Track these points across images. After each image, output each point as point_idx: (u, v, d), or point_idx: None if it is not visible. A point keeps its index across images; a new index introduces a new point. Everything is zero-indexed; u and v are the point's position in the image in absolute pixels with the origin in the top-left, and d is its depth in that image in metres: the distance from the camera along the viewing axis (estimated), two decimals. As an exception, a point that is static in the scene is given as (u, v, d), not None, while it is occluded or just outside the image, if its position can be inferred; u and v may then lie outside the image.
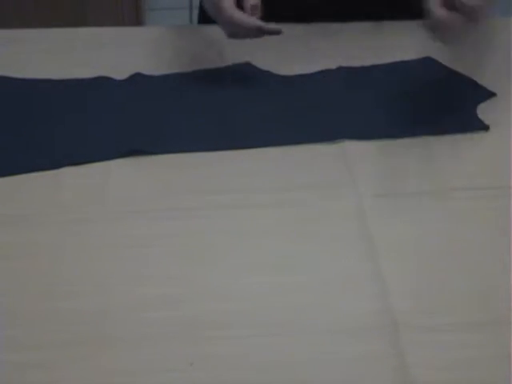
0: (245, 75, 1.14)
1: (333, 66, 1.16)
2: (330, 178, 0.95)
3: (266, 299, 0.78)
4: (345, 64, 1.16)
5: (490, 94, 1.10)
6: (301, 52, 1.20)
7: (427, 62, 1.18)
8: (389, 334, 0.74)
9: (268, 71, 1.15)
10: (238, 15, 1.05)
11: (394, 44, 1.23)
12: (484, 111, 1.06)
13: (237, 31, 1.06)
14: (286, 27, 1.08)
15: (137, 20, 2.48)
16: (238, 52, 1.16)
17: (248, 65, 1.16)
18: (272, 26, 1.05)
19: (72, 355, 0.72)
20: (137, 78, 1.12)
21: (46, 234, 0.86)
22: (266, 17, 1.05)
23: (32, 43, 1.21)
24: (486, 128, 1.03)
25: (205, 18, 1.21)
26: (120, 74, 1.12)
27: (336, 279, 0.81)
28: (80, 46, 1.20)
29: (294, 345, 0.74)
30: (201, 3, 1.29)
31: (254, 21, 1.05)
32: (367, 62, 1.17)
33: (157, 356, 0.72)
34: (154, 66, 1.14)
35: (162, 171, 0.96)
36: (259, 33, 1.06)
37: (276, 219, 0.89)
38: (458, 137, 1.02)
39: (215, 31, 1.20)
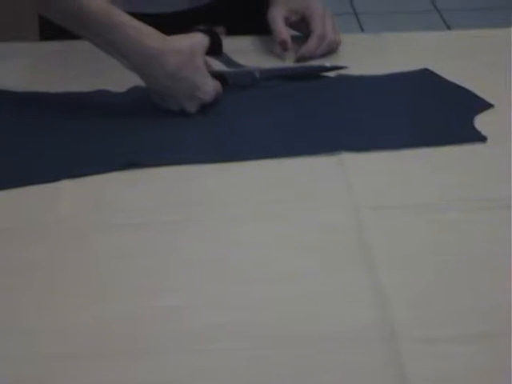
0: (243, 87, 1.14)
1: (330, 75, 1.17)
2: (327, 190, 0.95)
3: (265, 310, 0.78)
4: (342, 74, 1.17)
5: (488, 106, 1.10)
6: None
7: (425, 74, 1.18)
8: (387, 344, 0.74)
9: (266, 81, 1.15)
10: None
11: (391, 55, 1.23)
12: (481, 122, 1.06)
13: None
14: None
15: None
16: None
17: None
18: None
19: (69, 368, 0.72)
20: (135, 91, 1.12)
21: (44, 246, 0.86)
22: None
23: (29, 56, 1.22)
24: (483, 139, 1.03)
25: (46, 33, 1.24)
26: (118, 86, 1.13)
27: (334, 290, 0.81)
28: (78, 59, 1.20)
29: (292, 355, 0.74)
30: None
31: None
32: (365, 73, 1.17)
33: (154, 368, 0.72)
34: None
35: (160, 183, 0.96)
36: None
37: (274, 231, 0.89)
38: (456, 148, 1.02)
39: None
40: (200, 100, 1.06)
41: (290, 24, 1.23)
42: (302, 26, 1.23)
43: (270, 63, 1.20)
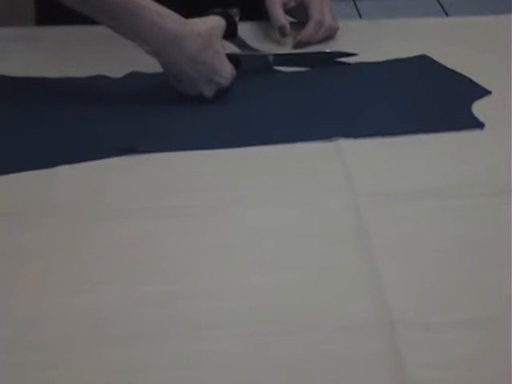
0: (241, 72, 1.14)
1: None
2: (325, 177, 0.95)
3: (263, 298, 0.78)
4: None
5: (486, 92, 1.10)
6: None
7: (423, 60, 1.18)
8: (385, 332, 0.74)
9: (263, 67, 1.15)
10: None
11: (389, 42, 1.23)
12: (479, 109, 1.06)
13: None
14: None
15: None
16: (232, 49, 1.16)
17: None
18: None
19: (69, 354, 0.72)
20: (133, 77, 1.12)
21: (41, 232, 0.86)
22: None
23: (26, 41, 1.21)
24: (481, 126, 1.03)
25: (42, 18, 1.24)
26: (116, 72, 1.12)
27: (332, 277, 0.81)
28: (76, 44, 1.19)
29: (290, 343, 0.74)
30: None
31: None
32: (363, 60, 1.17)
33: (153, 354, 0.72)
34: (150, 64, 1.13)
35: (158, 170, 0.96)
36: None
37: (272, 217, 0.89)
38: (454, 134, 1.02)
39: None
40: (218, 84, 1.06)
41: (288, 10, 1.23)
42: (299, 12, 1.23)
43: (267, 49, 1.20)
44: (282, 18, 1.20)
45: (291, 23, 1.21)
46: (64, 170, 0.95)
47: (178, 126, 1.03)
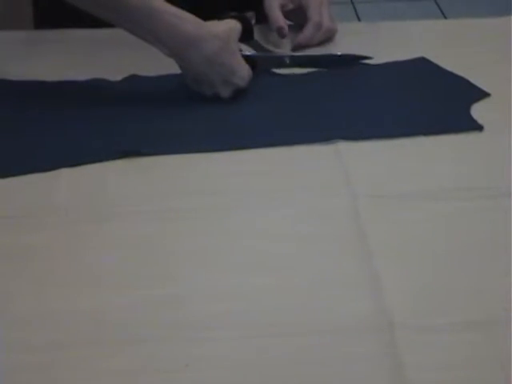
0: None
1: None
2: (324, 179, 0.95)
3: (261, 300, 0.78)
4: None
5: (484, 94, 1.10)
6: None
7: (421, 63, 1.18)
8: (384, 334, 0.74)
9: (264, 70, 1.15)
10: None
11: (387, 45, 1.23)
12: (478, 111, 1.06)
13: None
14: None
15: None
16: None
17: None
18: None
19: (68, 356, 0.72)
20: (132, 80, 1.12)
21: (43, 235, 0.86)
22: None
23: (25, 45, 1.21)
24: (479, 128, 1.03)
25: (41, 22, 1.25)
26: (115, 75, 1.12)
27: (331, 279, 0.81)
28: (75, 48, 1.19)
29: (288, 345, 0.74)
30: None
31: None
32: (361, 63, 1.17)
33: (152, 357, 0.72)
34: (149, 67, 1.14)
35: (157, 172, 0.96)
36: None
37: (270, 220, 0.89)
38: (452, 137, 1.02)
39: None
40: (235, 85, 1.07)
41: (287, 13, 1.23)
42: (298, 14, 1.23)
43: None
44: (280, 20, 1.20)
45: (289, 26, 1.21)
46: (65, 172, 0.95)
47: (177, 129, 1.03)
